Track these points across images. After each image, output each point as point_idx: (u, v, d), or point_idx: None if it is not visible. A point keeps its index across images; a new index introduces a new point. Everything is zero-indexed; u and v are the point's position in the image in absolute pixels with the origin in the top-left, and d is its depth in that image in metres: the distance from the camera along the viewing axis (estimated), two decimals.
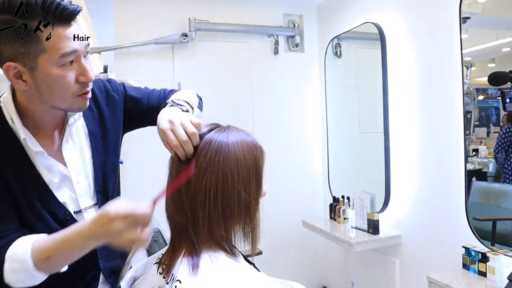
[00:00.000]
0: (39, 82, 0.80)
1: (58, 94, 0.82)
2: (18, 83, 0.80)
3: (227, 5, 2.73)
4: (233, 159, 0.72)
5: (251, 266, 0.75)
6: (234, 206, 0.72)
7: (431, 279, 1.61)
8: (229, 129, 0.77)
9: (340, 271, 2.84)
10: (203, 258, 0.69)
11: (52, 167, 0.90)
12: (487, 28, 1.89)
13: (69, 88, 0.82)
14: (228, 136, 0.74)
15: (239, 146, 0.74)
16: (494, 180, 1.89)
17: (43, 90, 0.81)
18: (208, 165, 0.71)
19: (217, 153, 0.72)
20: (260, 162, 0.77)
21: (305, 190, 2.96)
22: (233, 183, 0.71)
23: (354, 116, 2.64)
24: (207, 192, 0.70)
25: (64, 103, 0.84)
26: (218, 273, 0.67)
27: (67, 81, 0.81)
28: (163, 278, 0.71)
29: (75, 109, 0.89)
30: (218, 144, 0.73)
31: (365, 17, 2.38)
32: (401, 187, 2.17)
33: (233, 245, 0.76)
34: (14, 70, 0.79)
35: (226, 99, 2.74)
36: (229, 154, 0.72)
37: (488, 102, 1.89)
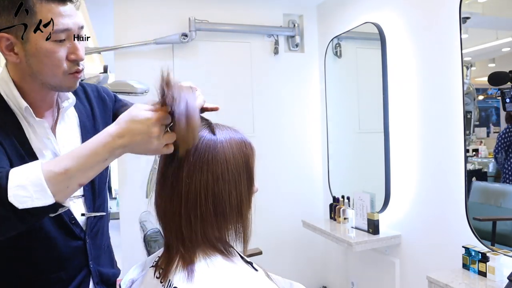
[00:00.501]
0: (30, 55, 0.80)
1: (49, 70, 0.82)
2: (9, 55, 0.81)
3: (227, 5, 2.73)
4: (222, 157, 0.71)
5: (248, 265, 0.73)
6: (225, 205, 0.71)
7: (431, 279, 1.61)
8: (217, 126, 0.76)
9: (340, 271, 2.83)
10: (198, 262, 0.68)
11: (50, 142, 0.89)
12: (487, 28, 1.89)
13: (59, 65, 0.82)
14: (217, 135, 0.73)
15: (228, 144, 0.73)
16: (494, 180, 1.89)
17: (33, 64, 0.81)
18: (197, 165, 0.70)
19: (205, 152, 0.70)
20: (250, 159, 0.75)
21: (305, 190, 2.96)
22: (223, 182, 0.70)
23: (354, 116, 2.64)
24: (198, 193, 0.69)
25: (54, 79, 0.84)
26: (214, 277, 0.66)
27: (57, 57, 0.81)
28: (160, 283, 0.70)
29: (65, 88, 0.88)
30: (207, 143, 0.71)
31: (365, 17, 2.38)
32: (401, 187, 2.17)
33: (229, 244, 0.75)
34: (7, 42, 0.79)
35: (226, 99, 2.73)
36: (218, 152, 0.71)
37: (488, 102, 1.89)
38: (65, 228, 0.90)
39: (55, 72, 0.83)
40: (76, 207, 0.93)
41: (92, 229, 0.98)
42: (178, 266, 0.69)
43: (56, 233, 0.88)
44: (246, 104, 2.80)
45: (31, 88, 0.86)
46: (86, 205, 0.96)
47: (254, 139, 0.79)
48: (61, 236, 0.89)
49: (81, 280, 0.95)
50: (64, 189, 0.67)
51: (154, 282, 0.72)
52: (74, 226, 0.92)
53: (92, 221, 0.97)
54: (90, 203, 0.97)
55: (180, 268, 0.68)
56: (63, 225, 0.90)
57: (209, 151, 0.71)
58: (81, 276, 0.95)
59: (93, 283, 0.98)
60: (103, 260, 1.03)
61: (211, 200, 0.70)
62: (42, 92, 0.88)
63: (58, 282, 0.90)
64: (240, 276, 0.69)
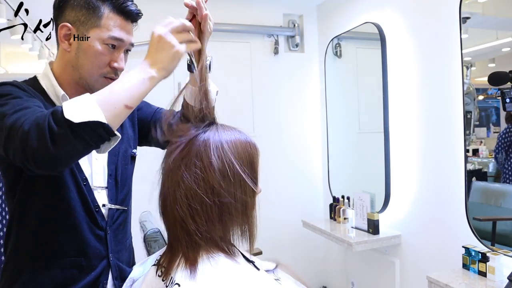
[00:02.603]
0: (81, 49, 0.90)
1: (91, 67, 0.91)
2: (64, 43, 0.91)
3: (227, 5, 2.73)
4: (228, 157, 0.71)
5: (251, 265, 0.74)
6: (230, 206, 0.71)
7: (431, 279, 1.61)
8: (222, 127, 0.76)
9: (340, 271, 2.83)
10: (201, 261, 0.68)
11: None
12: (487, 28, 1.89)
13: (101, 65, 0.92)
14: (221, 135, 0.74)
15: (233, 144, 0.73)
16: (494, 180, 1.89)
17: (80, 57, 0.91)
18: (202, 165, 0.70)
19: (211, 152, 0.71)
20: (255, 159, 0.76)
21: (305, 190, 2.96)
22: (229, 182, 0.71)
23: (354, 116, 2.64)
24: (203, 192, 0.69)
25: (91, 77, 0.92)
26: (217, 275, 0.66)
27: (102, 59, 0.91)
28: (162, 281, 0.70)
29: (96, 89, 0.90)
30: (212, 143, 0.72)
31: (365, 17, 2.38)
32: (401, 187, 2.17)
33: (232, 244, 0.75)
34: (67, 31, 0.90)
35: (226, 99, 2.73)
36: (223, 152, 0.71)
37: (488, 102, 1.89)
38: (90, 215, 0.95)
39: (95, 71, 0.92)
40: (100, 197, 0.98)
41: (115, 221, 1.01)
42: (180, 264, 0.69)
43: (81, 217, 0.93)
44: (246, 104, 2.80)
45: (68, 81, 0.94)
46: (108, 197, 1.00)
47: (254, 139, 0.79)
48: (85, 221, 0.94)
49: (100, 272, 0.96)
50: (112, 108, 0.73)
51: (156, 280, 0.72)
52: (98, 214, 0.96)
53: (114, 213, 1.01)
54: (113, 195, 1.01)
55: (182, 266, 0.68)
56: (88, 211, 0.95)
57: (214, 151, 0.71)
58: (100, 267, 0.96)
59: (112, 277, 0.99)
60: (123, 256, 1.04)
61: (216, 200, 0.70)
62: (77, 87, 0.94)
63: (77, 267, 0.93)
64: (243, 275, 0.69)
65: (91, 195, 0.95)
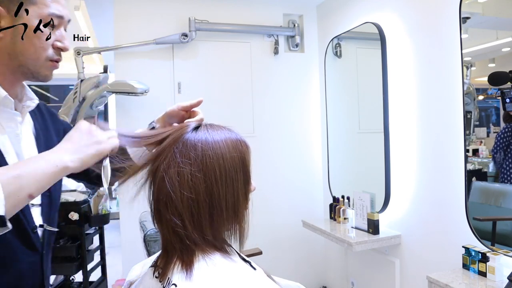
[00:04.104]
0: (18, 33, 0.77)
1: (33, 50, 0.79)
2: None
3: (227, 5, 2.73)
4: (219, 157, 0.71)
5: (247, 264, 0.73)
6: (222, 205, 0.71)
7: (431, 279, 1.61)
8: (211, 127, 0.76)
9: (340, 271, 2.84)
10: (197, 260, 0.68)
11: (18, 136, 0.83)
12: (487, 28, 1.89)
13: (44, 47, 0.80)
14: (212, 135, 0.73)
15: (224, 143, 0.73)
16: (494, 180, 1.89)
17: (18, 42, 0.77)
18: (193, 164, 0.70)
19: (202, 151, 0.70)
20: (246, 157, 0.75)
21: (305, 190, 2.96)
22: (220, 181, 0.70)
23: (354, 116, 2.64)
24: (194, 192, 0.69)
25: (35, 62, 0.81)
26: (213, 275, 0.66)
27: (44, 40, 0.79)
28: (159, 282, 0.70)
29: (41, 76, 0.83)
30: (202, 142, 0.71)
31: (365, 17, 2.39)
32: (401, 187, 2.17)
33: (228, 243, 0.75)
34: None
35: (226, 99, 2.74)
36: (214, 152, 0.71)
37: (488, 102, 1.89)
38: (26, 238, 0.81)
39: (39, 55, 0.80)
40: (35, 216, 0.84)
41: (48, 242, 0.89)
42: (176, 265, 0.69)
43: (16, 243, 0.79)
44: (246, 104, 2.80)
45: (3, 71, 0.80)
46: (42, 216, 0.86)
47: (254, 139, 0.79)
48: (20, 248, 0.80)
49: None
50: (14, 197, 0.64)
51: (153, 282, 0.72)
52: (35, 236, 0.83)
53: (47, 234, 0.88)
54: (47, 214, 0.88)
55: (178, 266, 0.68)
56: (25, 234, 0.80)
57: (205, 151, 0.71)
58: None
59: None
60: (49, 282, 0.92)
61: (207, 200, 0.70)
62: (12, 78, 0.82)
63: None
64: (239, 274, 0.69)
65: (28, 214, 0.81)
